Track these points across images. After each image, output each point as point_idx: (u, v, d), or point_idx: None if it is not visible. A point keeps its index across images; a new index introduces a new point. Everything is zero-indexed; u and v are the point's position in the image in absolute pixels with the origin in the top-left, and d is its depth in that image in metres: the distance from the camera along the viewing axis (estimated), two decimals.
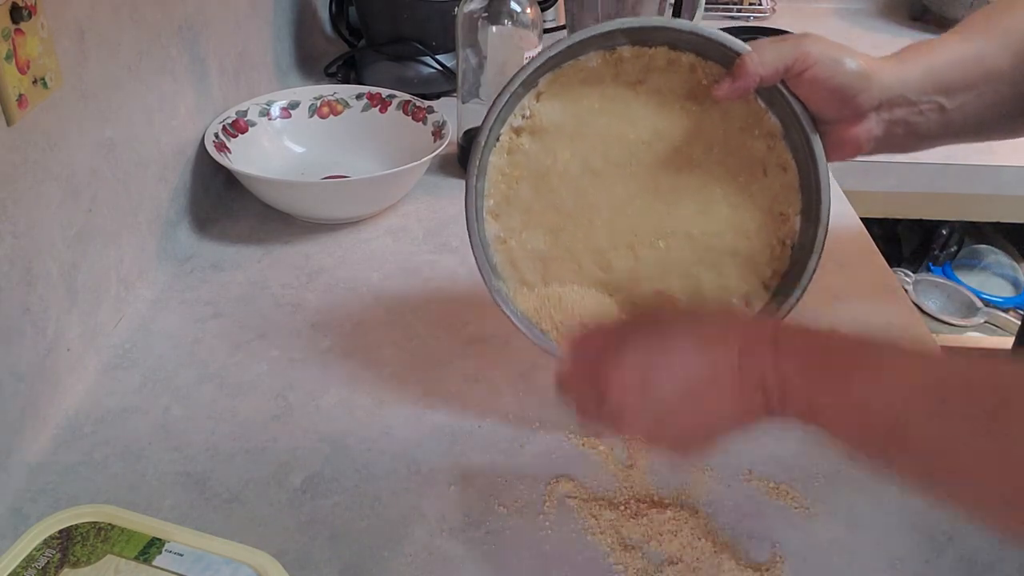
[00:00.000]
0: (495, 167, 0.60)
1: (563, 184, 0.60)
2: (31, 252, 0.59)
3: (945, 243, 1.38)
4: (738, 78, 0.55)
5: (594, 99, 0.59)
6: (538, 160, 0.60)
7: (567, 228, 0.60)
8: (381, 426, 0.63)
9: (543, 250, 0.60)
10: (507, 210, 0.60)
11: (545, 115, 0.59)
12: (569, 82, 0.59)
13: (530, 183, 0.60)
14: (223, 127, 0.88)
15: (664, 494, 0.57)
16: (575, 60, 0.59)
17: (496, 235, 0.60)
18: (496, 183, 0.60)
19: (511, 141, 0.60)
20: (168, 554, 0.49)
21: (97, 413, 0.64)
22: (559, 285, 0.60)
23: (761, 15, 1.52)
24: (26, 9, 0.54)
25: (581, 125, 0.60)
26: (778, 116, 0.58)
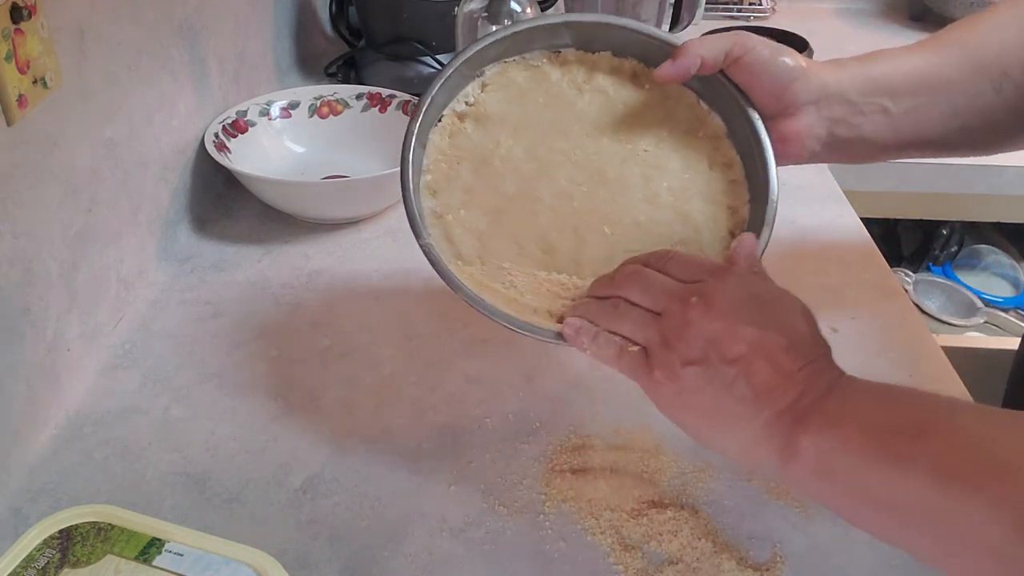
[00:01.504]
0: (436, 146, 0.60)
1: (506, 169, 0.59)
2: (31, 252, 0.59)
3: (945, 243, 1.38)
4: (678, 57, 0.55)
5: (539, 94, 0.60)
6: (481, 145, 0.60)
7: (509, 210, 0.59)
8: (381, 426, 0.63)
9: (482, 228, 0.59)
10: (446, 188, 0.59)
11: (490, 104, 0.60)
12: (515, 76, 0.60)
13: (471, 166, 0.60)
14: (223, 127, 0.88)
15: (664, 494, 0.57)
16: (521, 57, 0.60)
17: (432, 209, 0.59)
18: (436, 161, 0.59)
19: (454, 125, 0.60)
20: (168, 554, 0.49)
21: (97, 413, 0.64)
22: (500, 263, 0.58)
23: (761, 15, 1.52)
24: (26, 9, 0.54)
25: (526, 117, 0.60)
26: (721, 115, 0.59)
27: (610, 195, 0.59)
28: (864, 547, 0.54)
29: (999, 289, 1.35)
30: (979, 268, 1.38)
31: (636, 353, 0.48)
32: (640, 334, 0.49)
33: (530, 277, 0.57)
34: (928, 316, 1.28)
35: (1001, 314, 1.28)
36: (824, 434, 0.42)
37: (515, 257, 0.58)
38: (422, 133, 0.58)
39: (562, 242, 0.58)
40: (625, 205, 0.59)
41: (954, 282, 1.34)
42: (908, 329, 0.75)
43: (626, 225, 0.58)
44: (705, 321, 0.46)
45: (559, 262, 0.57)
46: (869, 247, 0.86)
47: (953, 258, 1.39)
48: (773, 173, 0.57)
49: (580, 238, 0.58)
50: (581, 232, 0.58)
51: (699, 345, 0.45)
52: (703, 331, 0.46)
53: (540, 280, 0.57)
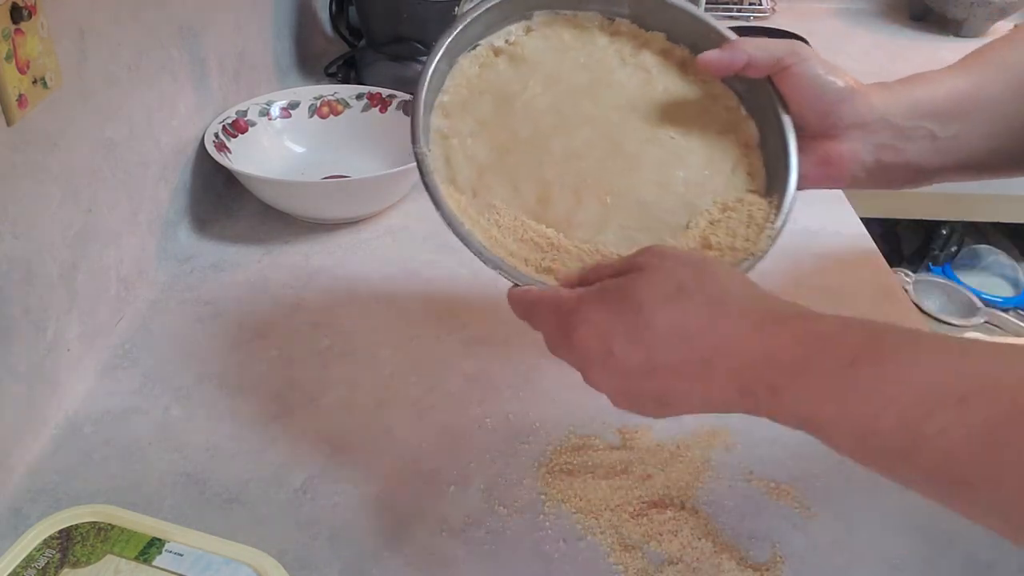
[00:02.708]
0: (463, 71, 0.59)
1: (526, 112, 0.58)
2: (31, 252, 0.59)
3: (945, 243, 1.38)
4: (728, 50, 0.55)
5: (581, 54, 0.59)
6: (508, 84, 0.59)
7: (516, 151, 0.57)
8: (381, 426, 0.63)
9: (484, 161, 0.57)
10: (460, 113, 0.58)
11: (529, 48, 0.59)
12: (562, 30, 0.59)
13: (493, 99, 0.58)
14: (223, 127, 0.88)
15: (664, 494, 0.57)
16: (574, 13, 0.59)
17: (440, 129, 0.58)
18: (458, 86, 0.58)
19: (487, 57, 0.59)
20: (168, 554, 0.49)
21: (97, 413, 0.64)
22: (491, 200, 0.57)
23: (761, 15, 1.52)
24: (26, 9, 0.54)
25: (561, 71, 0.59)
26: (758, 123, 0.58)
27: (622, 168, 0.57)
28: (865, 547, 0.54)
29: (999, 289, 1.35)
30: (979, 268, 1.38)
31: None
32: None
33: (516, 222, 0.55)
34: (928, 316, 1.28)
35: (1001, 314, 1.28)
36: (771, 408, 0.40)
37: (508, 198, 0.56)
38: (452, 51, 0.57)
39: (559, 198, 0.57)
40: (634, 181, 0.57)
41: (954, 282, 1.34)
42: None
43: (628, 200, 0.57)
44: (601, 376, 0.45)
45: (550, 216, 0.56)
46: (869, 247, 0.86)
47: (953, 258, 1.39)
48: (790, 193, 0.56)
49: (578, 199, 0.57)
50: (581, 194, 0.57)
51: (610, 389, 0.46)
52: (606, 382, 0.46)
53: (526, 227, 0.55)
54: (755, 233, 0.55)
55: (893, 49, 1.43)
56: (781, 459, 0.60)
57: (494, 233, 0.54)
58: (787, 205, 0.56)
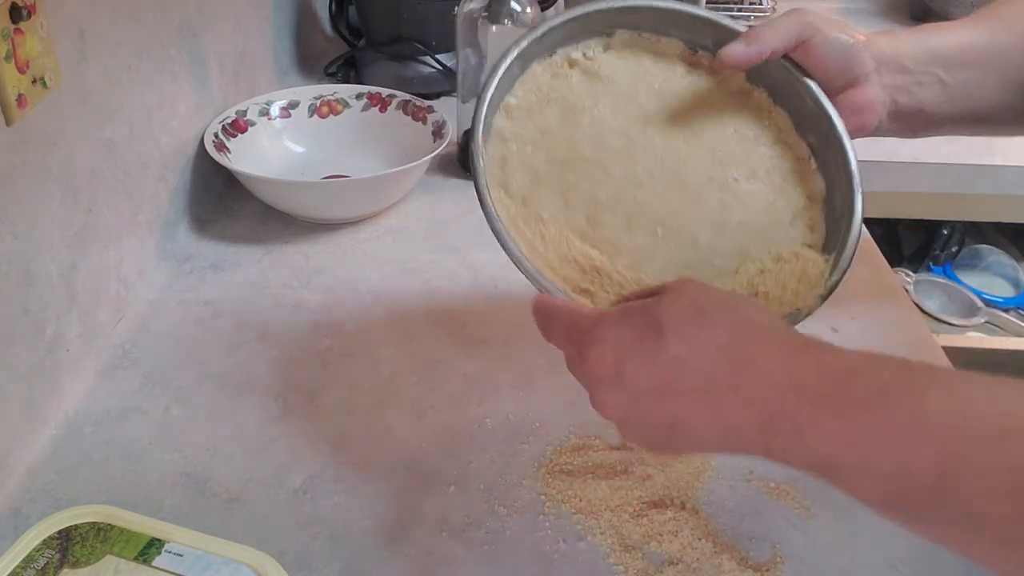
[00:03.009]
0: (535, 77, 0.57)
1: (591, 129, 0.57)
2: (31, 252, 0.59)
3: (946, 243, 1.38)
4: (751, 43, 0.55)
5: (657, 79, 0.58)
6: (579, 97, 0.58)
7: (574, 168, 0.56)
8: (381, 426, 0.63)
9: (539, 171, 0.56)
10: (524, 119, 0.57)
11: (605, 66, 0.58)
12: (642, 52, 0.59)
13: (560, 110, 0.57)
14: (223, 127, 0.88)
15: (664, 495, 0.57)
16: (657, 38, 0.59)
17: (501, 130, 0.56)
18: (528, 90, 0.57)
19: (562, 67, 0.58)
20: (168, 554, 0.49)
21: (97, 413, 0.64)
22: (540, 212, 0.55)
23: (761, 15, 1.52)
24: (25, 9, 0.54)
25: (634, 95, 0.58)
26: (827, 180, 0.58)
27: (680, 202, 0.56)
28: (866, 547, 0.54)
29: (999, 289, 1.35)
30: (979, 268, 1.38)
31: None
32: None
33: (562, 237, 0.54)
34: (928, 316, 1.27)
35: (1001, 314, 1.28)
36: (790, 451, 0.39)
37: (557, 213, 0.55)
38: (527, 55, 0.56)
39: (610, 222, 0.55)
40: (690, 218, 0.56)
41: (954, 282, 1.34)
42: (908, 329, 0.75)
43: (681, 236, 0.56)
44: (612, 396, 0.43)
45: (598, 238, 0.55)
46: (869, 247, 0.86)
47: (953, 258, 1.39)
48: (848, 254, 0.55)
49: (630, 226, 0.55)
50: (634, 221, 0.55)
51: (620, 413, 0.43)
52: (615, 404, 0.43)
53: (570, 244, 0.54)
54: (806, 288, 0.54)
55: None
56: None
57: (537, 244, 0.53)
58: (844, 263, 0.55)
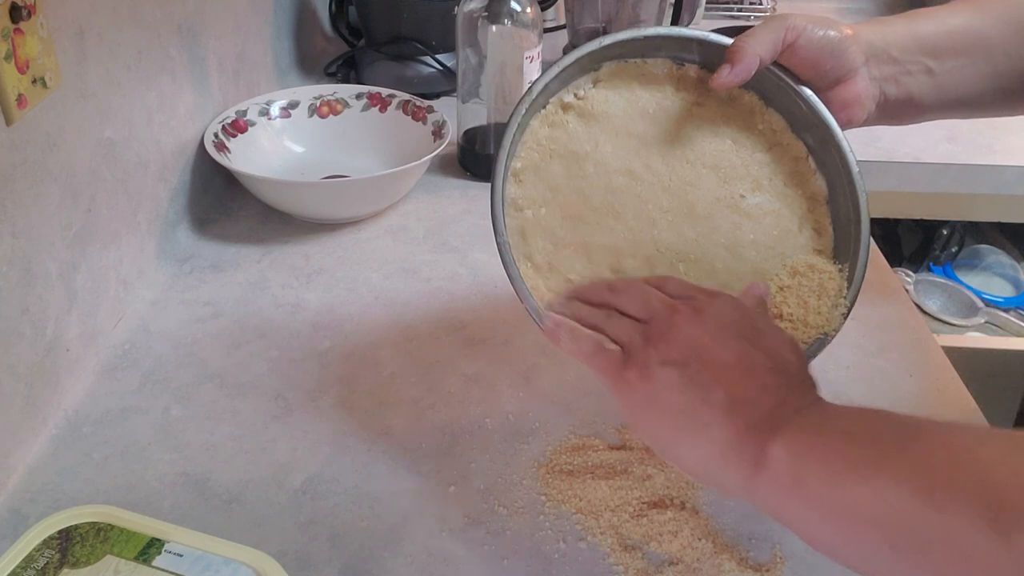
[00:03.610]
0: (533, 133, 0.57)
1: (597, 174, 0.57)
2: (30, 252, 0.59)
3: (946, 243, 1.38)
4: (737, 62, 0.54)
5: (649, 103, 0.58)
6: (578, 142, 0.58)
7: (588, 220, 0.57)
8: (381, 426, 0.63)
9: (558, 233, 0.57)
10: (532, 179, 0.57)
11: (597, 101, 0.58)
12: (630, 79, 0.58)
13: (564, 162, 0.58)
14: (223, 127, 0.88)
15: (665, 495, 0.57)
16: (643, 60, 0.58)
17: (513, 199, 0.57)
18: (530, 149, 0.57)
19: (556, 114, 0.58)
20: (168, 554, 0.49)
21: (97, 413, 0.64)
22: (567, 274, 0.57)
23: (761, 15, 1.52)
24: (25, 9, 0.54)
25: (631, 124, 0.58)
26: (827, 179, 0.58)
27: (694, 232, 0.57)
28: None
29: (999, 289, 1.35)
30: (979, 268, 1.38)
31: (613, 352, 0.48)
32: (622, 333, 0.48)
33: None
34: (928, 316, 1.27)
35: (1001, 314, 1.28)
36: (800, 441, 0.40)
37: (583, 271, 0.56)
38: (528, 115, 0.56)
39: (633, 268, 0.56)
40: (706, 248, 0.57)
41: (954, 282, 1.34)
42: (908, 329, 0.75)
43: (701, 268, 0.57)
44: (691, 326, 0.46)
45: None
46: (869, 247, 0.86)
47: (953, 258, 1.39)
48: (861, 264, 0.56)
49: (651, 267, 0.57)
50: (654, 262, 0.57)
51: (681, 347, 0.45)
52: (688, 335, 0.45)
53: None
54: (826, 306, 0.55)
55: None
56: None
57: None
58: (859, 275, 0.56)
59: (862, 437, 0.39)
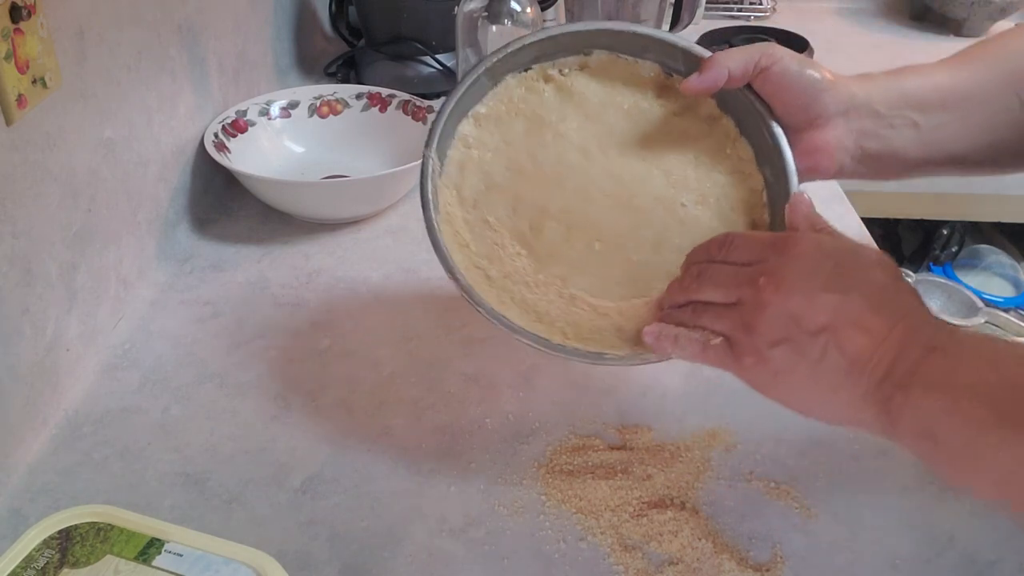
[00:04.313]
0: (508, 88, 0.59)
1: (554, 144, 0.59)
2: (30, 252, 0.59)
3: (946, 243, 1.38)
4: (706, 70, 0.54)
5: (626, 101, 0.59)
6: (548, 111, 0.59)
7: (530, 177, 0.59)
8: (381, 426, 0.63)
9: (495, 179, 0.59)
10: (491, 127, 0.59)
11: (579, 84, 0.60)
12: (616, 75, 0.60)
13: (527, 123, 0.59)
14: (223, 127, 0.88)
15: (665, 495, 0.57)
16: (634, 60, 0.59)
17: (466, 135, 0.59)
18: (499, 100, 0.59)
19: (536, 81, 0.60)
20: (168, 554, 0.49)
21: (96, 413, 0.64)
22: (487, 215, 0.58)
23: (761, 15, 1.52)
24: (25, 9, 0.54)
25: (603, 113, 0.59)
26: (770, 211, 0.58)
27: (624, 221, 0.58)
28: (866, 547, 0.54)
29: (999, 289, 1.35)
30: (979, 268, 1.38)
31: (720, 345, 0.48)
32: (720, 325, 0.49)
33: (493, 246, 0.57)
34: None
35: (1001, 314, 1.28)
36: (927, 400, 0.41)
37: (504, 217, 0.58)
38: (500, 68, 0.58)
39: (551, 231, 0.58)
40: (631, 238, 0.58)
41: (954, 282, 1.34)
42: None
43: (616, 254, 0.58)
44: (780, 299, 0.45)
45: (535, 245, 0.58)
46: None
47: (953, 258, 1.39)
48: None
49: (569, 237, 0.58)
50: (574, 233, 0.58)
51: (780, 324, 0.45)
52: (781, 309, 0.45)
53: (502, 255, 0.57)
54: None
55: (893, 49, 1.43)
56: (781, 459, 0.60)
57: (474, 258, 0.56)
58: None
59: (988, 389, 0.40)
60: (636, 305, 0.56)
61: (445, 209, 0.58)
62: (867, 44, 1.45)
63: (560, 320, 0.56)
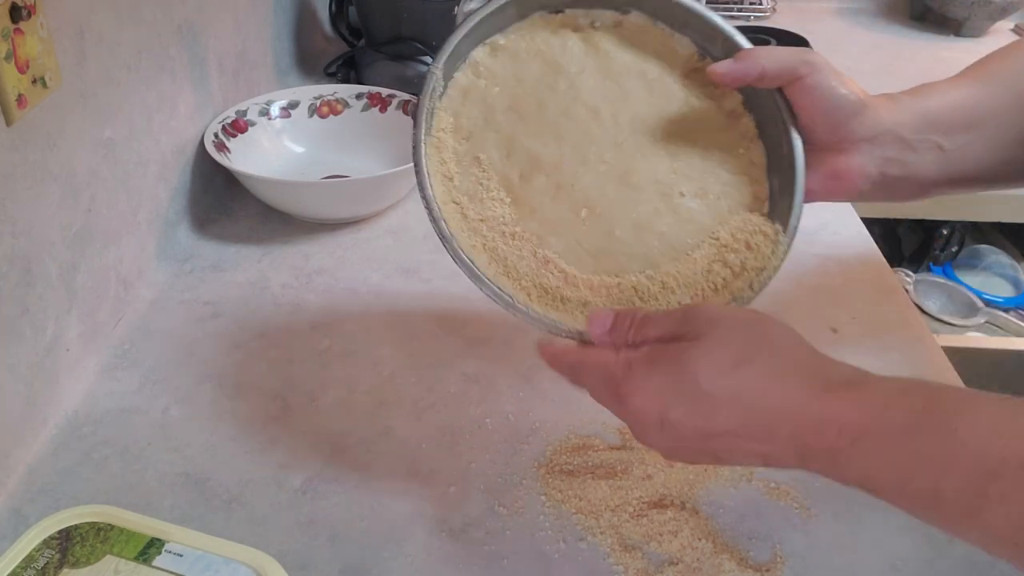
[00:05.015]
0: (532, 24, 0.57)
1: (565, 95, 0.56)
2: (30, 252, 0.59)
3: (946, 243, 1.38)
4: (740, 61, 0.53)
5: (652, 72, 0.57)
6: (568, 59, 0.57)
7: (530, 123, 0.56)
8: (381, 426, 0.63)
9: (496, 116, 0.56)
10: (506, 60, 0.57)
11: (608, 42, 0.57)
12: (649, 44, 0.57)
13: (543, 67, 0.57)
14: (223, 127, 0.88)
15: (664, 495, 0.57)
16: (671, 31, 0.57)
17: (477, 61, 0.56)
18: (521, 36, 0.57)
19: (563, 28, 0.57)
20: (168, 554, 0.49)
21: (96, 413, 0.64)
22: (477, 152, 0.56)
23: (761, 15, 1.52)
24: (25, 9, 0.54)
25: (624, 77, 0.57)
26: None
27: (615, 194, 0.56)
28: (866, 547, 0.54)
29: (999, 289, 1.35)
30: (979, 268, 1.38)
31: None
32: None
33: (477, 186, 0.55)
34: (928, 316, 1.27)
35: (1001, 314, 1.28)
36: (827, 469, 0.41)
37: (495, 160, 0.56)
38: (531, 1, 0.56)
39: (540, 185, 0.56)
40: (618, 213, 0.56)
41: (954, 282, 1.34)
42: (908, 329, 0.75)
43: (600, 226, 0.55)
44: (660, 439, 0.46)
45: (521, 195, 0.55)
46: (869, 247, 0.86)
47: (953, 258, 1.39)
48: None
49: (556, 196, 0.55)
50: (562, 193, 0.56)
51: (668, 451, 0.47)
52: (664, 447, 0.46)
53: (484, 197, 0.55)
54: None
55: (893, 49, 1.42)
56: None
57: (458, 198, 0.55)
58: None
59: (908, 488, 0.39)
60: (608, 284, 0.54)
61: (437, 134, 0.55)
62: (867, 44, 1.45)
63: (527, 279, 0.54)
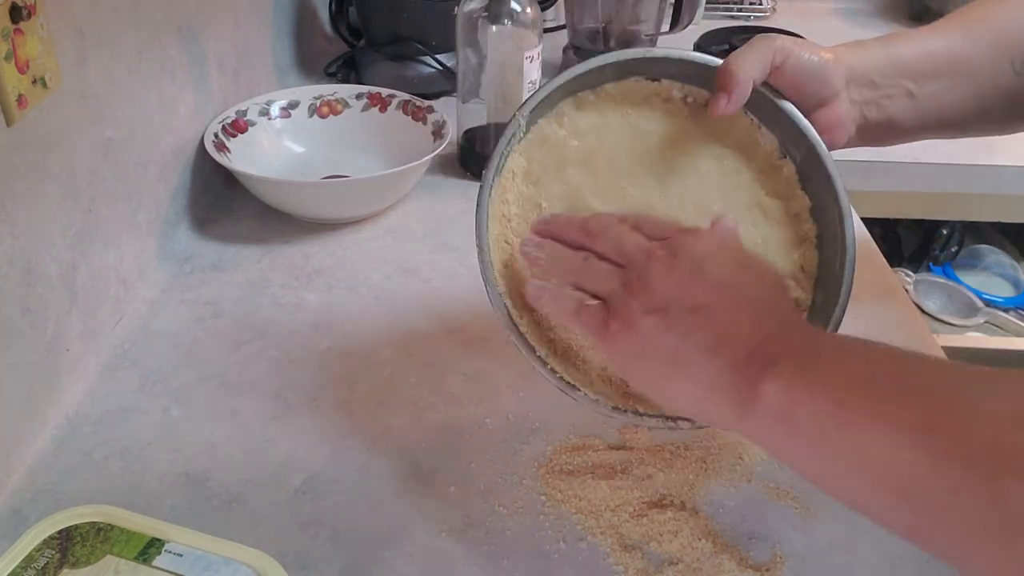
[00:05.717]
0: (627, 87, 0.57)
1: (640, 160, 0.57)
2: (31, 252, 0.59)
3: (945, 243, 1.38)
4: (730, 86, 0.53)
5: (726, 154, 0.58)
6: (650, 126, 0.58)
7: (600, 182, 0.57)
8: (381, 426, 0.63)
9: (568, 168, 0.57)
10: (592, 117, 0.57)
11: (690, 116, 0.58)
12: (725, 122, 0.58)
13: (625, 130, 0.58)
14: (223, 127, 0.88)
15: (664, 495, 0.57)
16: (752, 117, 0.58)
17: (562, 113, 0.57)
18: (610, 98, 0.57)
19: (652, 95, 0.58)
20: (168, 554, 0.49)
21: (97, 413, 0.64)
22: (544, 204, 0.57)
23: (761, 15, 1.52)
24: (26, 9, 0.54)
25: (699, 159, 0.58)
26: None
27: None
28: (867, 547, 0.54)
29: (999, 289, 1.35)
30: (979, 268, 1.38)
31: (595, 307, 0.47)
32: (603, 287, 0.48)
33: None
34: (928, 316, 1.27)
35: (1001, 314, 1.28)
36: (793, 380, 0.39)
37: (556, 209, 0.57)
38: (629, 67, 0.56)
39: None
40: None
41: (954, 282, 1.34)
42: (908, 329, 0.75)
43: None
44: (668, 271, 0.45)
45: None
46: (869, 247, 0.86)
47: (953, 258, 1.39)
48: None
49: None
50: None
51: (660, 294, 0.44)
52: (666, 281, 0.45)
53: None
54: None
55: None
56: None
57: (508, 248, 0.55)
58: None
59: (858, 378, 0.38)
60: None
61: (506, 174, 0.56)
62: None
63: (554, 331, 0.55)
